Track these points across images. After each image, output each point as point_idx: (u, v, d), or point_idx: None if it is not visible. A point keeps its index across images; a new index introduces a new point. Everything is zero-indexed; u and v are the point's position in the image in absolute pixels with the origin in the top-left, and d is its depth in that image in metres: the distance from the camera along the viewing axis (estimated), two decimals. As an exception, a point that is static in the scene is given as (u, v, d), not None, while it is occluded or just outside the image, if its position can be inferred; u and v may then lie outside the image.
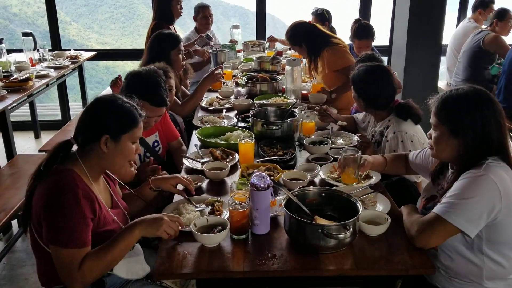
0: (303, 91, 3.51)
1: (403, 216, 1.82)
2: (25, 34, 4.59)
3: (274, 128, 2.62)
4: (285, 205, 1.71)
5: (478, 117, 1.64)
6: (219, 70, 3.34)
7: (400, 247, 1.68)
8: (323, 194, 1.84)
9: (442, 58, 4.84)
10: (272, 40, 5.15)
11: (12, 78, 3.81)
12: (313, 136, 2.61)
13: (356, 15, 5.72)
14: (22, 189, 3.00)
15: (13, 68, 4.20)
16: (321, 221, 1.68)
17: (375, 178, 2.13)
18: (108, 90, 4.17)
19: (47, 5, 5.25)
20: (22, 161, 3.47)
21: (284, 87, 3.57)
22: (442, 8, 4.27)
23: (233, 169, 2.29)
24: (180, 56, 3.16)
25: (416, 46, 4.31)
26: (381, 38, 5.88)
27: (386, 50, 5.48)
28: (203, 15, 4.70)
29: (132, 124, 1.68)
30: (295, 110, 2.86)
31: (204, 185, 2.15)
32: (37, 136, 5.33)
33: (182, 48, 3.20)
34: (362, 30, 4.02)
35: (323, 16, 4.50)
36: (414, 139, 2.37)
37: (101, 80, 15.42)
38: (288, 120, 2.64)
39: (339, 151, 2.45)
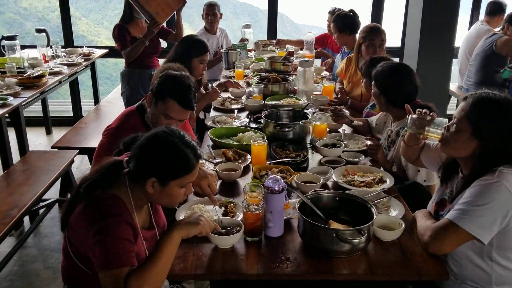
0: (314, 93, 3.50)
1: (417, 222, 1.82)
2: (39, 31, 4.63)
3: (286, 129, 2.63)
4: (299, 208, 1.72)
5: (506, 127, 1.64)
6: (217, 90, 3.34)
7: (413, 252, 1.68)
8: (337, 198, 1.85)
9: (454, 61, 4.82)
10: (280, 43, 5.14)
11: (26, 74, 3.84)
12: (325, 139, 2.61)
13: (368, 15, 5.72)
14: (34, 185, 3.05)
15: (26, 64, 4.24)
16: (335, 225, 1.68)
17: (389, 182, 2.13)
18: (117, 89, 4.21)
19: (60, 2, 5.29)
20: (34, 157, 3.50)
21: (296, 88, 3.57)
22: (455, 10, 4.24)
23: (246, 170, 2.30)
24: (202, 65, 3.14)
25: (429, 48, 4.29)
26: (392, 39, 5.88)
27: (398, 52, 5.46)
28: (206, 13, 4.71)
29: (185, 172, 1.53)
30: (307, 111, 2.86)
31: (217, 186, 2.16)
32: (48, 132, 5.38)
33: (207, 58, 3.16)
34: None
35: None
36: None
37: (110, 76, 15.49)
38: (300, 122, 2.65)
39: (351, 154, 2.47)
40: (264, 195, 1.75)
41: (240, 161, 2.39)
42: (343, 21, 4.03)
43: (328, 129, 2.74)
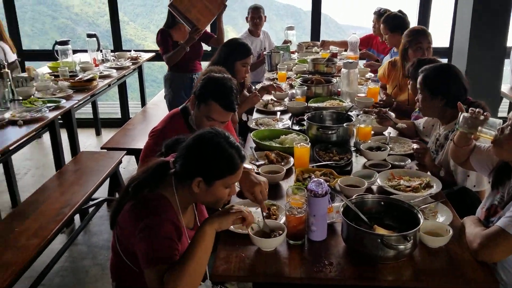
0: (358, 95, 3.45)
1: (465, 228, 1.76)
2: (90, 36, 4.82)
3: (330, 132, 2.61)
4: (343, 212, 1.70)
5: None
6: (258, 95, 3.33)
7: (461, 260, 1.63)
8: (382, 203, 1.82)
9: (506, 61, 4.62)
10: (324, 44, 5.10)
11: (77, 78, 4.01)
12: (369, 142, 2.57)
13: (415, 15, 5.57)
14: (85, 185, 3.17)
15: (77, 68, 4.42)
16: (380, 230, 1.65)
17: (436, 187, 2.07)
18: (163, 92, 4.31)
19: (110, 8, 5.48)
20: (85, 157, 3.65)
21: (339, 89, 3.54)
22: (507, 8, 4.07)
23: (288, 172, 2.30)
24: (244, 68, 3.17)
25: (479, 48, 4.14)
26: (440, 39, 5.70)
27: (446, 52, 5.29)
28: (252, 16, 4.74)
29: (229, 171, 1.56)
30: (351, 114, 2.83)
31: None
32: (98, 133, 5.59)
33: (249, 61, 3.19)
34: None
35: None
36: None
37: (156, 78, 15.88)
38: (344, 124, 2.62)
39: (397, 158, 2.41)
40: (307, 198, 1.74)
41: (282, 163, 2.39)
42: (395, 21, 3.95)
43: (372, 132, 2.70)
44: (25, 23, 16.50)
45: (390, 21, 3.97)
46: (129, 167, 4.60)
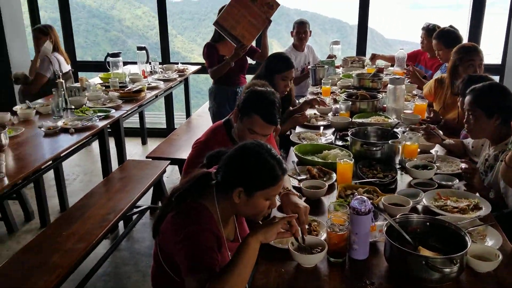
0: (405, 111, 3.38)
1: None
2: (140, 48, 5.00)
3: (374, 149, 2.56)
4: (386, 231, 1.66)
5: None
6: (307, 114, 3.33)
7: (510, 286, 1.55)
8: (428, 223, 1.76)
9: None
10: (375, 58, 5.04)
11: (127, 89, 4.15)
12: (415, 160, 2.50)
13: (465, 31, 5.42)
14: (130, 192, 3.26)
15: (127, 79, 4.58)
16: (425, 252, 1.60)
17: (485, 210, 1.99)
18: (207, 104, 4.39)
19: (159, 22, 5.66)
20: (131, 166, 3.75)
21: (385, 105, 3.48)
22: None
23: (330, 188, 2.27)
24: (284, 82, 3.18)
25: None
26: (492, 56, 5.51)
27: (498, 69, 5.10)
28: (297, 31, 4.75)
29: (270, 183, 1.56)
30: (397, 130, 2.77)
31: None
32: (144, 143, 5.75)
33: (290, 75, 3.19)
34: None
35: (434, 32, 4.30)
36: None
37: (201, 90, 16.19)
38: (389, 141, 2.57)
39: (444, 177, 2.34)
40: (349, 215, 1.72)
41: (325, 179, 2.37)
42: (450, 36, 3.86)
43: (419, 150, 2.62)
44: (79, 35, 17.27)
45: (446, 36, 3.87)
46: (172, 176, 4.69)
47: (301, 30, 4.73)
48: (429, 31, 4.38)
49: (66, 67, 4.53)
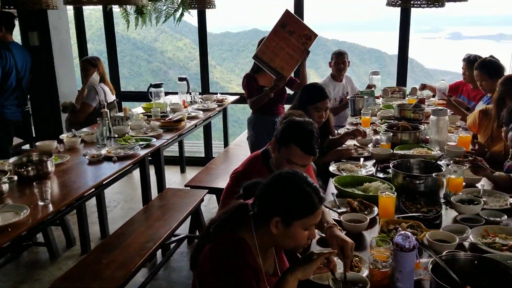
0: (448, 143, 3.29)
1: None
2: (181, 79, 5.14)
3: (417, 182, 2.49)
4: (432, 269, 1.59)
5: None
6: (352, 150, 3.28)
7: None
8: (476, 262, 1.67)
9: None
10: (425, 88, 4.97)
11: (167, 118, 4.25)
12: (461, 194, 2.41)
13: (508, 61, 5.28)
14: (169, 220, 3.28)
15: (168, 109, 4.69)
16: (474, 293, 1.52)
17: (539, 249, 1.87)
18: (245, 133, 4.42)
19: (200, 54, 5.81)
20: (170, 194, 3.79)
21: (427, 137, 3.39)
22: None
23: (372, 222, 2.21)
24: (318, 113, 3.16)
25: None
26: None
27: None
28: (336, 61, 4.75)
29: (307, 212, 1.54)
30: (441, 163, 2.69)
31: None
32: (182, 171, 5.83)
33: (324, 106, 3.16)
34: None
35: (475, 62, 4.21)
36: None
37: (238, 119, 16.38)
38: (433, 174, 2.49)
39: (491, 213, 2.23)
40: (392, 251, 1.66)
41: (366, 212, 2.31)
42: (491, 66, 3.77)
43: (464, 184, 2.53)
44: (123, 66, 17.97)
45: (487, 67, 3.78)
46: (209, 205, 4.71)
47: (339, 60, 4.74)
48: (470, 62, 4.31)
49: (111, 97, 4.69)
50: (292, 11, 5.34)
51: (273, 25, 3.90)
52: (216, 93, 5.53)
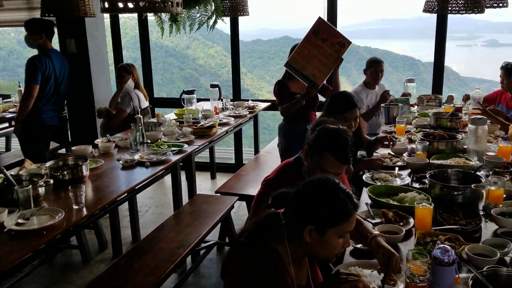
0: (487, 153, 3.17)
1: None
2: (213, 86, 5.17)
3: (455, 193, 2.40)
4: (472, 285, 1.52)
5: None
6: (383, 161, 3.18)
7: None
8: (520, 279, 1.60)
9: None
10: (468, 98, 4.84)
11: (199, 125, 4.28)
12: (501, 206, 2.31)
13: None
14: (199, 227, 3.29)
15: (200, 115, 4.73)
16: (519, 312, 1.44)
17: None
18: (276, 140, 4.40)
19: (232, 62, 5.84)
20: (201, 200, 3.81)
21: (465, 147, 3.29)
22: None
23: (408, 234, 2.14)
24: (347, 123, 3.04)
25: None
26: None
27: None
28: (374, 70, 4.64)
29: (342, 219, 1.50)
30: (480, 174, 2.59)
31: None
32: (213, 177, 5.85)
33: (352, 116, 3.00)
34: None
35: None
36: None
37: (268, 125, 16.38)
38: (472, 185, 2.40)
39: (536, 227, 2.13)
40: (430, 265, 1.60)
41: (401, 223, 2.24)
42: None
43: (505, 196, 2.42)
44: (156, 73, 18.30)
45: None
46: (239, 212, 4.70)
47: (378, 69, 4.61)
48: (508, 70, 4.18)
49: (145, 103, 4.76)
50: (325, 18, 5.32)
51: (305, 32, 3.87)
52: (247, 100, 5.54)
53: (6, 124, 5.83)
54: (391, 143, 3.38)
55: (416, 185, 2.75)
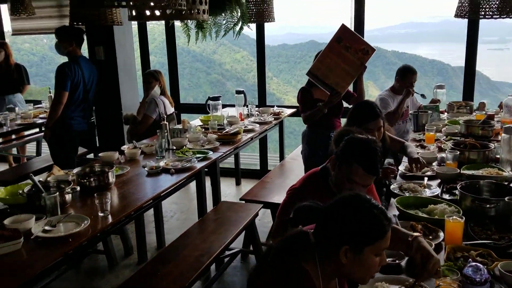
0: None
1: None
2: (238, 92, 5.17)
3: (488, 206, 2.31)
4: (507, 306, 1.45)
5: None
6: (394, 169, 3.06)
7: None
8: (559, 301, 1.51)
9: None
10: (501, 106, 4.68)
11: (224, 131, 4.28)
12: (538, 220, 2.21)
13: None
14: (224, 234, 3.27)
15: (225, 122, 4.73)
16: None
17: None
18: (299, 148, 4.35)
19: (258, 67, 5.83)
20: (225, 207, 3.79)
21: (498, 156, 3.17)
22: None
23: (437, 249, 2.06)
24: (370, 133, 2.96)
25: None
26: None
27: None
28: (408, 81, 4.42)
29: (378, 236, 1.45)
30: (514, 186, 2.49)
31: (403, 263, 1.99)
32: (238, 183, 5.85)
33: (375, 126, 2.93)
34: None
35: None
36: None
37: (293, 130, 16.30)
38: (506, 198, 2.30)
39: None
40: (461, 283, 1.53)
41: (430, 237, 2.16)
42: None
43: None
44: (183, 77, 18.50)
45: None
46: (263, 220, 4.67)
47: (412, 80, 4.41)
48: None
49: (171, 109, 4.80)
50: (352, 22, 5.26)
51: (331, 37, 3.82)
52: (272, 106, 5.52)
53: (37, 130, 5.98)
54: (419, 165, 3.11)
55: (446, 196, 2.66)
